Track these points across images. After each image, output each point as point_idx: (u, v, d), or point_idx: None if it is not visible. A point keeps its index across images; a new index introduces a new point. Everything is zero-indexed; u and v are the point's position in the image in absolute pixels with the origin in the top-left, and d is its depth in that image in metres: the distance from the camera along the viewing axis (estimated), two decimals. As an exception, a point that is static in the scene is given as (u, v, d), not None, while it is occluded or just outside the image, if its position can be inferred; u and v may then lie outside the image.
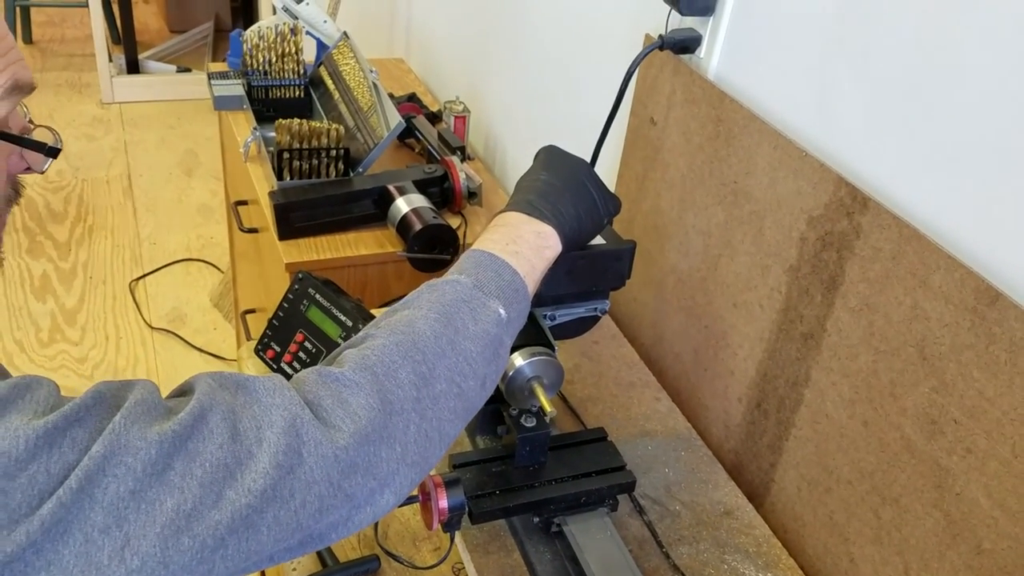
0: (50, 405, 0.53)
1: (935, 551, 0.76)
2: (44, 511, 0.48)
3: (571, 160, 0.84)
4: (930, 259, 0.74)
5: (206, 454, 0.52)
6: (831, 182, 0.84)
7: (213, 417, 0.54)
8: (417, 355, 0.62)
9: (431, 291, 0.68)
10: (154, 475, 0.51)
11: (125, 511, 0.50)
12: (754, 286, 0.97)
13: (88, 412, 0.52)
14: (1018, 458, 0.68)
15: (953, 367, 0.73)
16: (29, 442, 0.49)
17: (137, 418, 0.52)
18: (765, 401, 0.97)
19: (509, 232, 0.75)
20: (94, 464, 0.49)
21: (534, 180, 0.81)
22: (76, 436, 0.51)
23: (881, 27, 0.80)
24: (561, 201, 0.79)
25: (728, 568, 0.89)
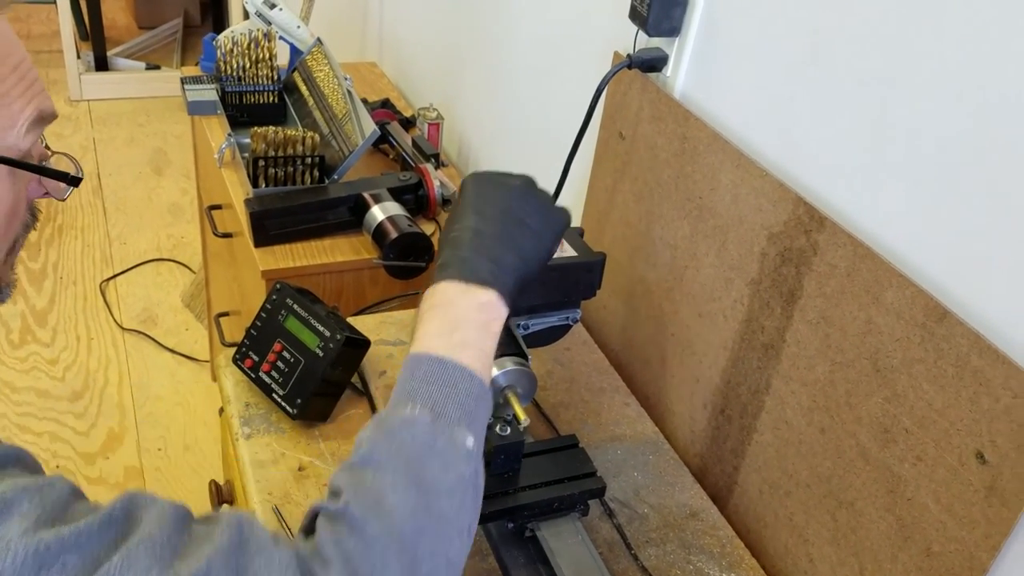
0: (57, 512, 0.51)
1: (888, 553, 0.81)
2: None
3: (503, 191, 0.77)
4: (883, 277, 0.78)
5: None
6: (790, 201, 0.88)
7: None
8: (396, 545, 0.57)
9: (390, 440, 0.61)
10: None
11: None
12: (718, 297, 1.01)
13: (90, 538, 0.50)
14: (964, 466, 0.72)
15: (904, 379, 0.77)
16: (18, 559, 0.48)
17: (135, 561, 0.50)
18: (729, 407, 1.01)
19: (448, 315, 0.68)
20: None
21: (463, 229, 0.73)
22: (68, 562, 0.49)
23: (839, 54, 0.84)
24: (499, 249, 0.72)
25: (693, 568, 0.93)
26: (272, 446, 1.05)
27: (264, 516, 0.96)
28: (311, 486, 1.00)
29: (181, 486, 2.09)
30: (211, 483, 1.17)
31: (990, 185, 0.71)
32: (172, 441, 2.20)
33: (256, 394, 1.11)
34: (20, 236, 0.68)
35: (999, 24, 0.69)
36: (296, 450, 1.04)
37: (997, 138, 0.70)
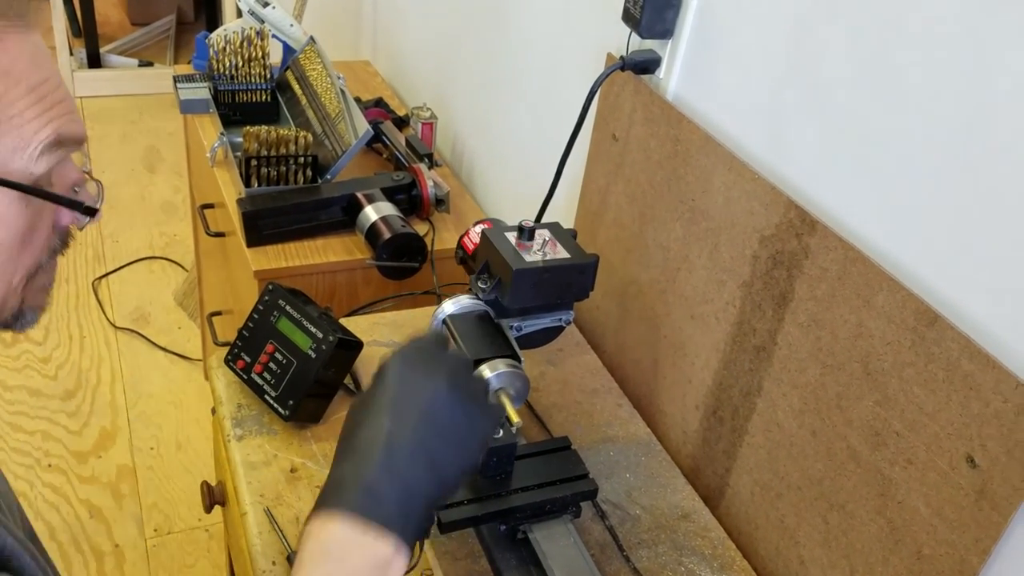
0: None
1: (879, 555, 0.81)
2: None
3: (428, 385, 0.66)
4: (874, 281, 0.78)
5: None
6: (782, 204, 0.88)
7: None
8: None
9: None
10: None
11: None
12: (710, 299, 1.01)
13: None
14: (955, 470, 0.73)
15: (895, 383, 0.77)
16: None
17: None
18: (720, 409, 1.02)
19: (336, 572, 0.58)
20: None
21: (374, 431, 0.63)
22: None
23: (831, 59, 0.84)
24: (412, 468, 0.61)
25: (685, 570, 0.93)
26: (264, 447, 1.04)
27: (256, 518, 0.96)
28: (303, 488, 1.00)
29: (173, 485, 2.09)
30: (203, 484, 1.17)
31: (980, 188, 0.71)
32: (165, 440, 2.20)
33: (248, 395, 1.11)
34: (45, 262, 0.67)
35: (988, 25, 0.69)
36: (288, 452, 1.04)
37: (988, 141, 0.70)
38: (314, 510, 0.61)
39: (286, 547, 0.92)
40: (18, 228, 0.62)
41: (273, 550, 0.92)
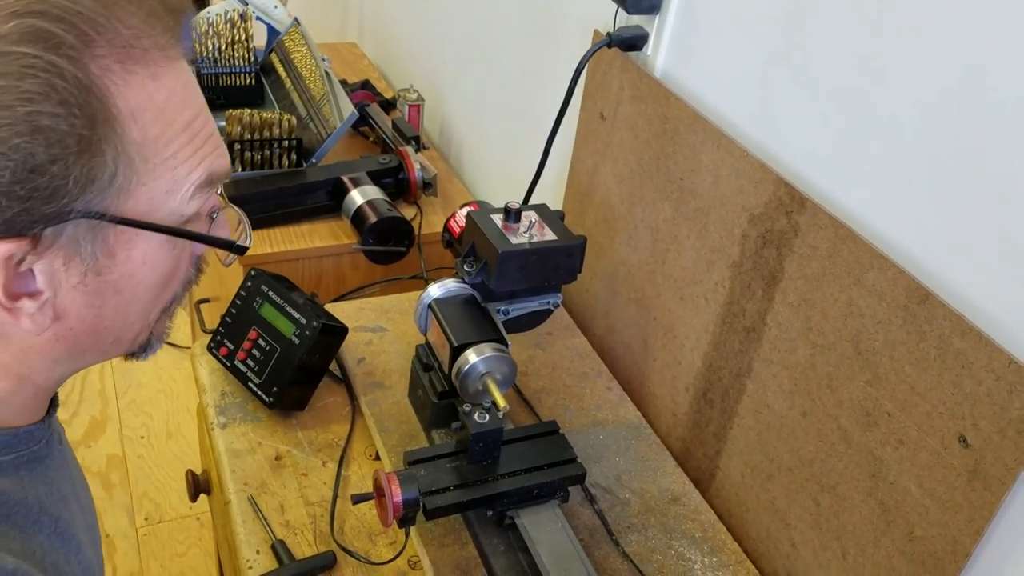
0: None
1: (871, 537, 0.80)
2: None
3: None
4: (864, 258, 0.77)
5: None
6: (771, 182, 0.86)
7: None
8: None
9: None
10: None
11: None
12: (699, 280, 0.99)
13: None
14: (947, 450, 0.71)
15: (886, 362, 0.76)
16: None
17: None
18: (710, 391, 1.00)
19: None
20: None
21: None
22: None
23: (820, 35, 0.82)
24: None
25: (675, 554, 0.92)
26: (248, 435, 1.03)
27: (240, 507, 0.94)
28: (288, 475, 0.98)
29: (164, 473, 2.07)
30: (188, 473, 1.16)
31: (972, 165, 0.69)
32: (155, 429, 2.18)
33: (232, 383, 1.09)
34: (180, 295, 0.65)
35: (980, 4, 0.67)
36: (273, 439, 1.03)
37: (978, 118, 0.68)
38: None
39: (271, 535, 0.91)
40: (165, 270, 0.60)
41: (257, 539, 0.91)
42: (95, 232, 0.55)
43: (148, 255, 0.58)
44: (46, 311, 0.56)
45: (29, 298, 0.55)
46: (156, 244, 0.58)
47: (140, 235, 0.57)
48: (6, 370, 0.59)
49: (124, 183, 0.54)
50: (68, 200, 0.52)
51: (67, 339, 0.59)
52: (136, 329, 0.62)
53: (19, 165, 0.49)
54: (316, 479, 0.98)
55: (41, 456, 0.65)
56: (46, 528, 0.63)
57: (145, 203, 0.56)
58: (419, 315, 1.03)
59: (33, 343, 0.58)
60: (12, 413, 0.62)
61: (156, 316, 0.63)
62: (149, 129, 0.55)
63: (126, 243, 0.57)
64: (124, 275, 0.58)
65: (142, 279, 0.59)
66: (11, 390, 0.60)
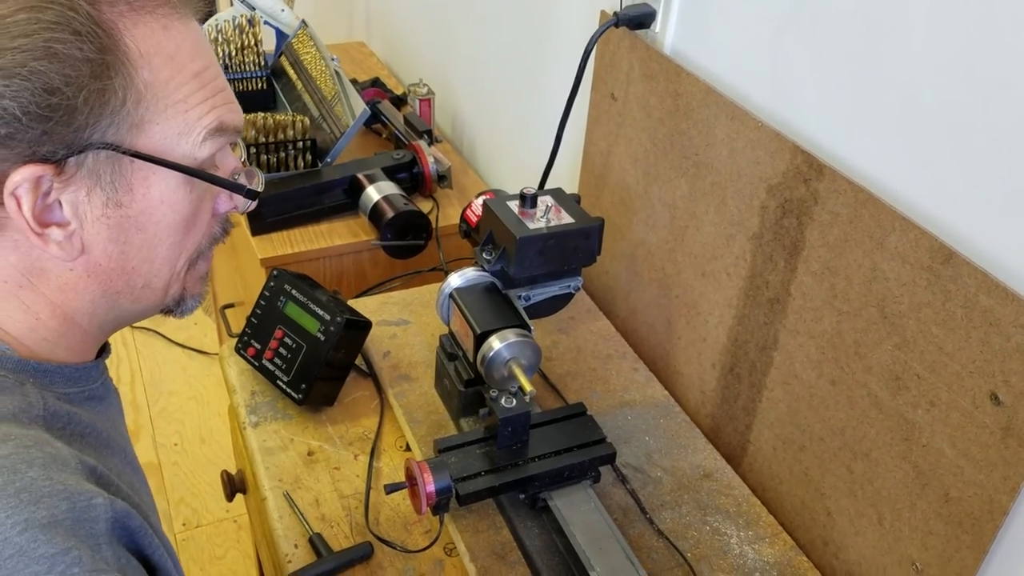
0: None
1: (906, 501, 0.79)
2: None
3: None
4: (885, 221, 0.76)
5: None
6: (787, 151, 0.86)
7: None
8: None
9: None
10: None
11: None
12: (720, 255, 0.99)
13: None
14: (978, 408, 0.71)
15: (913, 324, 0.75)
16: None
17: None
18: (737, 365, 1.00)
19: None
20: None
21: None
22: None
23: (828, -5, 0.81)
24: None
25: (710, 529, 0.92)
26: (280, 433, 1.04)
27: (276, 503, 0.95)
28: (321, 470, 0.99)
29: (199, 479, 2.10)
30: (223, 473, 1.17)
31: (989, 120, 0.69)
32: (188, 435, 2.21)
33: (261, 382, 1.10)
34: (205, 248, 0.70)
35: (992, -50, 0.66)
36: (304, 435, 1.04)
37: (995, 71, 0.67)
38: None
39: (307, 529, 0.92)
40: (183, 212, 0.65)
41: (295, 533, 0.92)
42: (113, 165, 0.60)
43: (166, 194, 0.63)
44: (74, 242, 0.61)
45: (57, 227, 0.60)
46: (173, 184, 0.63)
47: (156, 173, 0.62)
48: (51, 307, 0.64)
49: (137, 119, 0.60)
50: (84, 125, 0.58)
51: (98, 276, 0.64)
52: (164, 277, 0.67)
53: (36, 86, 0.55)
54: (349, 472, 0.99)
55: (100, 396, 0.70)
56: (117, 454, 0.68)
57: (159, 142, 0.61)
58: (441, 305, 1.04)
59: (68, 279, 0.63)
60: (66, 353, 0.67)
61: (183, 266, 0.68)
62: (159, 72, 0.60)
63: (143, 180, 0.62)
64: (144, 211, 0.63)
65: (161, 218, 0.64)
66: (60, 330, 0.65)
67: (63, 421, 0.64)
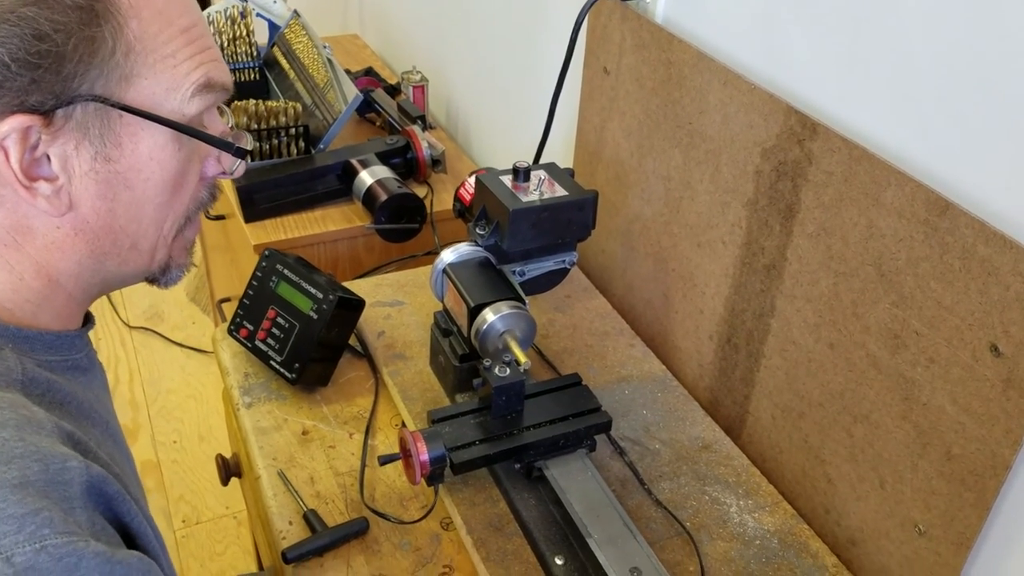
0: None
1: (908, 462, 0.78)
2: None
3: None
4: (880, 176, 0.75)
5: None
6: (781, 112, 0.85)
7: None
8: None
9: None
10: None
11: None
12: (715, 224, 0.98)
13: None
14: (979, 362, 0.70)
15: (911, 280, 0.74)
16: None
17: None
18: (735, 336, 0.99)
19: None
20: None
21: None
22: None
23: (818, -47, 0.81)
24: None
25: (709, 499, 0.91)
26: (274, 413, 1.03)
27: (270, 480, 0.94)
28: (315, 448, 0.98)
29: (198, 476, 2.08)
30: (218, 457, 1.16)
31: (982, 71, 0.67)
32: (187, 433, 2.20)
33: (255, 364, 1.09)
34: (193, 213, 0.69)
35: None
36: (299, 415, 1.03)
37: (986, 24, 0.66)
38: None
39: (302, 506, 0.91)
40: (172, 170, 0.64)
41: (289, 510, 0.91)
42: (102, 118, 0.59)
43: (155, 151, 0.62)
44: (62, 197, 0.60)
45: (46, 181, 0.60)
46: (162, 140, 0.62)
47: (145, 129, 0.61)
48: (35, 268, 0.63)
49: (126, 71, 0.59)
50: (73, 74, 0.57)
51: (85, 234, 0.63)
52: (152, 239, 0.66)
53: (25, 32, 0.55)
54: (344, 450, 0.98)
55: (83, 367, 0.69)
56: (99, 425, 0.67)
57: (147, 96, 0.61)
58: (434, 282, 1.03)
59: (55, 238, 0.62)
60: (49, 318, 0.66)
61: (171, 230, 0.67)
62: (148, 25, 0.60)
63: (132, 135, 0.61)
64: (132, 168, 0.62)
65: (150, 175, 0.63)
66: (44, 293, 0.64)
67: (42, 388, 0.62)
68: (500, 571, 0.82)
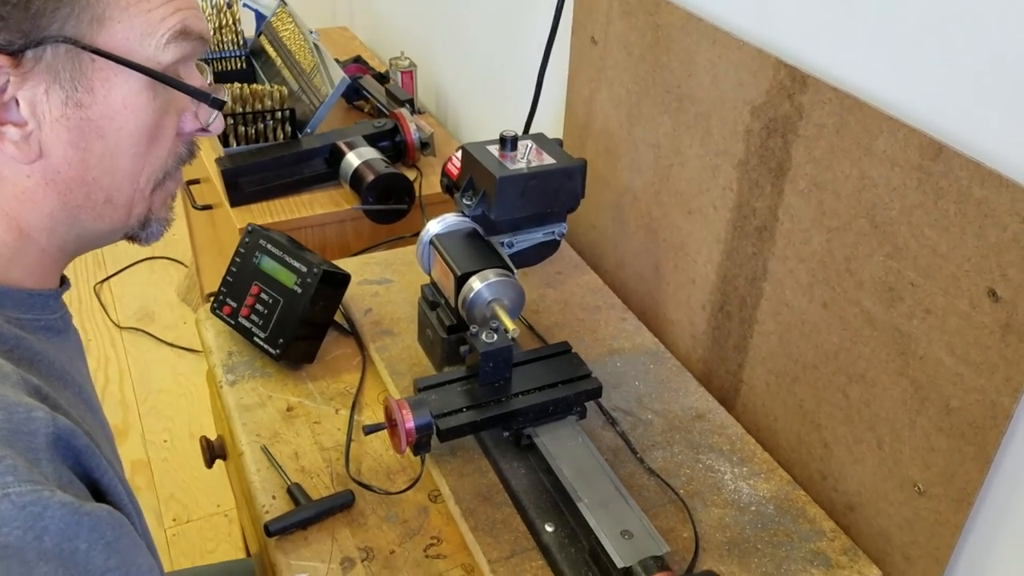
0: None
1: (905, 420, 0.76)
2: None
3: None
4: (872, 124, 0.73)
5: None
6: (770, 67, 0.83)
7: None
8: None
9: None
10: None
11: None
12: (706, 189, 0.96)
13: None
14: (976, 309, 0.68)
15: (905, 230, 0.72)
16: None
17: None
18: (727, 303, 0.97)
19: None
20: None
21: None
22: None
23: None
24: None
25: (703, 467, 0.89)
26: (258, 390, 1.01)
27: (253, 456, 0.92)
28: (300, 424, 0.96)
29: (189, 474, 2.05)
30: (202, 439, 1.13)
31: (969, 9, 0.66)
32: (177, 432, 2.17)
33: (239, 342, 1.07)
34: (172, 168, 0.67)
35: None
36: (284, 392, 1.00)
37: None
38: None
39: (285, 480, 0.88)
40: (146, 120, 0.62)
41: (272, 485, 0.89)
42: (73, 61, 0.58)
43: (128, 98, 0.60)
44: (31, 143, 0.59)
45: (14, 126, 0.58)
46: (136, 87, 0.60)
47: (118, 74, 0.59)
48: (6, 219, 0.61)
49: (99, 12, 0.58)
50: (42, 11, 0.55)
51: (57, 185, 0.61)
52: (127, 192, 0.64)
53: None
54: (330, 426, 0.96)
55: (58, 329, 0.67)
56: (71, 388, 0.65)
57: (121, 41, 0.59)
58: (421, 254, 1.01)
59: (25, 187, 0.61)
60: (21, 274, 0.64)
61: (147, 184, 0.65)
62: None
63: (104, 80, 0.59)
64: (105, 115, 0.60)
65: (123, 124, 0.61)
66: (15, 246, 0.63)
67: (11, 344, 0.61)
68: (489, 540, 0.80)
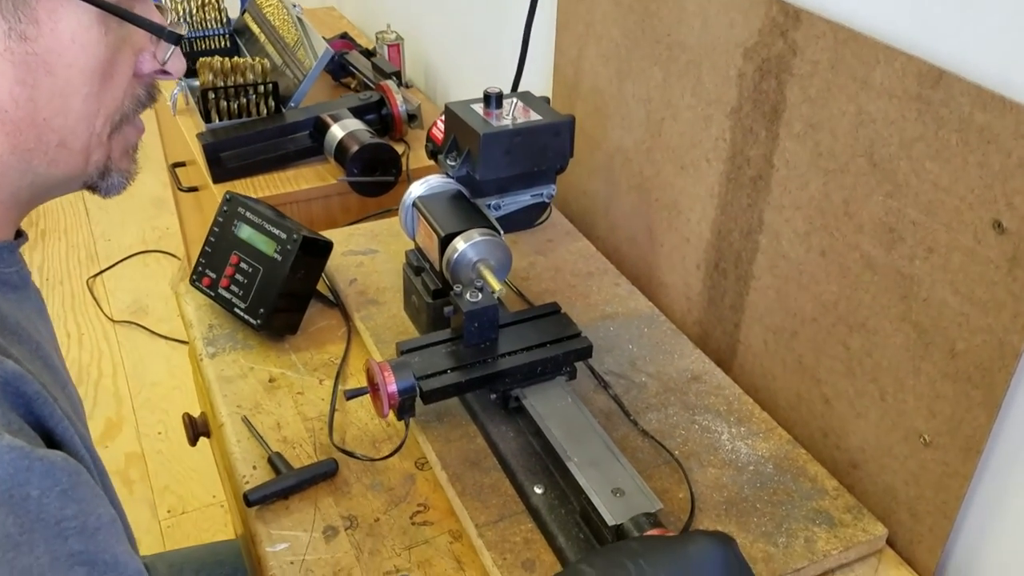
0: None
1: (909, 367, 0.73)
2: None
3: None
4: (868, 56, 0.70)
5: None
6: (762, 4, 0.79)
7: None
8: None
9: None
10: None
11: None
12: (699, 141, 0.93)
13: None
14: (981, 243, 0.64)
15: (905, 165, 0.69)
16: None
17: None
18: (722, 260, 0.93)
19: None
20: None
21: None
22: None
23: None
24: None
25: (699, 428, 0.85)
26: (240, 362, 0.97)
27: (234, 427, 0.88)
28: (283, 395, 0.92)
29: (184, 466, 2.02)
30: (184, 416, 1.10)
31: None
32: (172, 424, 2.14)
33: (220, 315, 1.04)
34: (130, 112, 0.64)
35: None
36: (266, 363, 0.97)
37: None
38: None
39: (266, 450, 0.85)
40: (97, 56, 0.59)
41: (253, 455, 0.85)
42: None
43: (77, 33, 0.57)
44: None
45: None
46: (85, 21, 0.57)
47: (64, 6, 0.56)
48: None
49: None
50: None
51: (5, 126, 0.57)
52: (83, 136, 0.60)
53: None
54: (313, 396, 0.92)
55: (13, 284, 0.64)
56: (26, 344, 0.61)
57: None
58: (405, 219, 0.98)
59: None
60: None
61: (104, 127, 0.61)
62: None
63: (50, 12, 0.56)
64: (52, 50, 0.57)
65: (73, 61, 0.57)
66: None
67: None
68: (476, 504, 0.76)
